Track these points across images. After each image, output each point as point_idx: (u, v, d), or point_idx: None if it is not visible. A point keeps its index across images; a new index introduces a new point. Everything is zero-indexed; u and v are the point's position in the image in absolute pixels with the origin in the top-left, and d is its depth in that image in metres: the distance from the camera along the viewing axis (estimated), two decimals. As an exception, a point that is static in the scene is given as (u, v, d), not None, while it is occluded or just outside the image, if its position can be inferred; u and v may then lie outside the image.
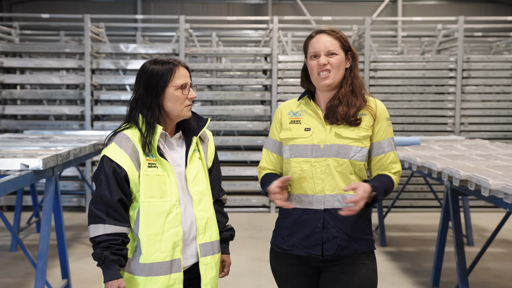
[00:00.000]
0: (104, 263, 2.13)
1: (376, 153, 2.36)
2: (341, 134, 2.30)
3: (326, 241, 2.29)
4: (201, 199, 2.31)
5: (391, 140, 2.38)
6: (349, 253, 2.30)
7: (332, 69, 2.30)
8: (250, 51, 8.28)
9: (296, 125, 2.38)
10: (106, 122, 8.03)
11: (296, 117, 2.39)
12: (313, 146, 2.31)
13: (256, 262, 5.57)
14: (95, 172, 2.24)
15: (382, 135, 2.35)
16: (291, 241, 2.35)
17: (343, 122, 2.31)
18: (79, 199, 8.03)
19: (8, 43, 8.12)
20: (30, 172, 3.63)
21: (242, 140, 8.13)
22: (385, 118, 2.37)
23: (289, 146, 2.37)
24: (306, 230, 2.32)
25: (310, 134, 2.33)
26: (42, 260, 3.88)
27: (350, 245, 2.30)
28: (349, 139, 2.29)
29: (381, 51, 11.93)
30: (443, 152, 5.01)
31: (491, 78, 8.20)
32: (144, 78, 2.26)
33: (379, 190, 2.26)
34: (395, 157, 2.38)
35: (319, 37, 2.33)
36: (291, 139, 2.37)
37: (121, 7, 14.99)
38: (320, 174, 2.29)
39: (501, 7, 15.08)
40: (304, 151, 2.33)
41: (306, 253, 2.33)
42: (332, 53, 2.30)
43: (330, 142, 2.30)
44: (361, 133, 2.31)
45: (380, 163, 2.37)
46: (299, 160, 2.33)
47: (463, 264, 4.18)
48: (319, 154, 2.30)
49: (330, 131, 2.31)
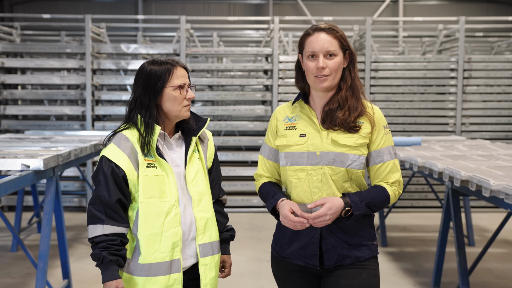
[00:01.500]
0: (102, 263, 2.13)
1: (374, 162, 2.26)
2: (338, 141, 2.20)
3: (326, 251, 2.23)
4: (201, 199, 2.31)
5: (390, 148, 2.28)
6: (351, 261, 2.24)
7: (331, 73, 2.19)
8: (251, 51, 8.27)
9: (291, 131, 2.29)
10: (107, 123, 8.03)
11: (291, 123, 2.31)
12: (309, 153, 2.23)
13: (256, 262, 5.57)
14: (94, 172, 2.24)
15: (380, 143, 2.25)
16: (290, 250, 2.30)
17: (340, 128, 2.21)
18: (80, 199, 8.03)
19: (9, 43, 8.12)
20: (31, 173, 3.63)
21: (243, 140, 8.13)
22: (382, 126, 2.26)
23: (285, 154, 2.29)
24: (304, 240, 2.26)
25: (306, 141, 2.24)
26: (43, 260, 3.88)
27: (352, 253, 2.24)
28: (346, 146, 2.20)
29: (382, 51, 11.93)
30: (444, 153, 5.00)
31: (492, 78, 8.19)
32: (142, 78, 2.26)
33: (356, 205, 2.17)
34: (394, 166, 2.27)
35: (317, 35, 2.20)
36: (286, 146, 2.28)
37: (122, 7, 15.00)
38: (316, 183, 2.22)
39: (502, 7, 15.07)
40: (299, 159, 2.25)
41: (303, 263, 2.28)
42: (331, 54, 2.19)
43: (327, 150, 2.21)
44: (359, 140, 2.21)
45: (379, 172, 2.27)
46: (295, 169, 2.25)
47: (464, 264, 4.18)
48: (315, 161, 2.22)
49: (326, 137, 2.22)
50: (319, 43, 2.19)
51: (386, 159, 2.26)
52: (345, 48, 2.24)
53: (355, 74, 2.27)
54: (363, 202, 2.19)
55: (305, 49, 2.24)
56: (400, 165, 2.89)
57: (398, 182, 2.28)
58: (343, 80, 2.25)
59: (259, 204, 8.05)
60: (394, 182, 2.27)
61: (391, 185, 2.27)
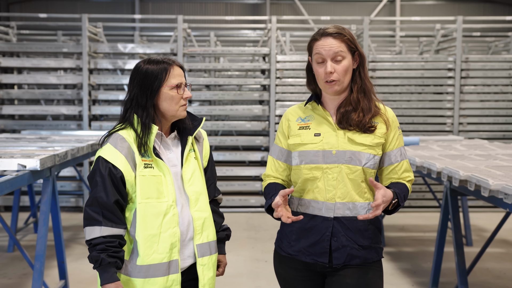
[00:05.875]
0: (100, 265, 2.10)
1: (389, 162, 2.30)
2: (354, 140, 2.22)
3: (336, 250, 2.23)
4: (198, 199, 2.29)
5: (402, 149, 2.33)
6: (359, 262, 2.25)
7: (339, 78, 2.20)
8: (248, 51, 8.26)
9: (305, 130, 2.29)
10: (104, 122, 8.01)
11: (305, 123, 2.31)
12: (324, 152, 2.23)
13: (254, 262, 5.55)
14: (90, 173, 2.21)
15: (395, 144, 2.29)
16: (298, 246, 2.29)
17: (356, 128, 2.24)
18: (76, 200, 8.01)
19: (6, 43, 8.09)
20: (27, 173, 3.61)
21: (241, 140, 8.12)
22: (397, 127, 2.31)
23: (298, 152, 2.29)
24: (314, 237, 2.25)
25: (321, 140, 2.25)
26: (39, 260, 3.86)
27: (361, 254, 2.24)
28: (363, 145, 2.22)
29: (380, 51, 11.93)
30: (442, 152, 4.99)
31: (489, 78, 8.19)
32: (138, 78, 2.23)
33: (400, 197, 2.21)
34: (408, 165, 2.33)
35: (324, 40, 2.21)
36: (300, 145, 2.29)
37: (119, 6, 14.97)
38: (331, 181, 2.22)
39: (499, 7, 15.10)
40: (314, 157, 2.25)
41: (312, 260, 2.27)
42: (339, 58, 2.20)
43: (343, 148, 2.22)
44: (375, 140, 2.24)
45: (394, 172, 2.31)
46: (310, 167, 2.25)
47: (462, 264, 4.17)
48: (331, 160, 2.22)
49: (343, 136, 2.24)
50: (326, 48, 2.20)
51: (401, 159, 2.32)
52: (353, 50, 2.25)
53: (365, 75, 2.29)
54: (402, 194, 2.24)
55: (313, 54, 2.25)
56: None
57: (412, 181, 2.35)
58: (354, 81, 2.27)
59: (257, 204, 8.04)
60: (410, 180, 2.33)
61: (407, 183, 2.33)
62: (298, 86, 8.04)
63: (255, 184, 8.09)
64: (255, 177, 8.52)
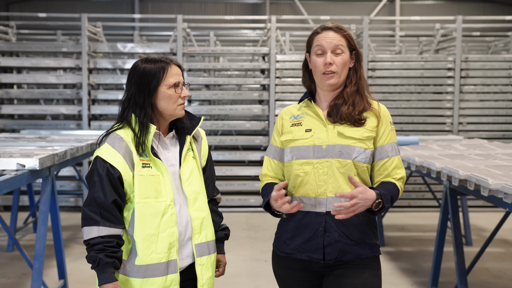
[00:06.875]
0: (98, 265, 2.10)
1: (379, 157, 2.28)
2: (344, 134, 2.23)
3: (328, 245, 2.23)
4: (196, 199, 2.29)
5: (394, 144, 2.30)
6: (351, 257, 2.23)
7: (338, 69, 2.24)
8: (248, 50, 8.25)
9: (297, 127, 2.32)
10: (103, 122, 8.00)
11: (297, 120, 2.34)
12: (315, 147, 2.25)
13: (254, 262, 5.55)
14: (88, 173, 2.20)
15: (386, 138, 2.28)
16: (293, 245, 2.30)
17: (346, 121, 2.24)
18: (76, 199, 8.01)
19: (5, 43, 8.09)
20: (26, 172, 3.61)
21: (240, 139, 8.11)
22: (389, 122, 2.30)
23: (290, 148, 2.31)
24: (308, 234, 2.25)
25: (311, 135, 2.27)
26: (38, 260, 3.86)
27: (353, 249, 2.23)
28: (353, 139, 2.22)
29: (379, 50, 11.92)
30: (441, 152, 4.99)
31: (489, 78, 8.19)
32: (136, 77, 2.22)
33: (386, 198, 2.16)
34: (399, 162, 2.30)
35: (326, 33, 2.26)
36: (292, 140, 2.31)
37: (118, 6, 14.96)
38: (322, 176, 2.23)
39: (499, 7, 15.09)
40: (305, 153, 2.26)
41: (307, 257, 2.27)
42: (338, 52, 2.24)
43: (333, 143, 2.23)
44: (365, 133, 2.24)
45: (384, 168, 2.27)
46: (301, 162, 2.26)
47: (462, 264, 4.16)
48: (321, 155, 2.24)
49: (332, 130, 2.25)
50: (328, 40, 2.26)
51: (392, 155, 2.29)
52: (351, 48, 2.30)
53: (361, 73, 2.32)
54: (389, 195, 2.20)
55: (313, 47, 2.30)
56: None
57: (403, 179, 2.30)
58: (349, 79, 2.30)
59: (256, 203, 8.04)
60: (400, 178, 2.29)
61: (397, 181, 2.28)
62: (297, 85, 8.04)
63: (255, 184, 8.09)
64: (255, 177, 8.51)
